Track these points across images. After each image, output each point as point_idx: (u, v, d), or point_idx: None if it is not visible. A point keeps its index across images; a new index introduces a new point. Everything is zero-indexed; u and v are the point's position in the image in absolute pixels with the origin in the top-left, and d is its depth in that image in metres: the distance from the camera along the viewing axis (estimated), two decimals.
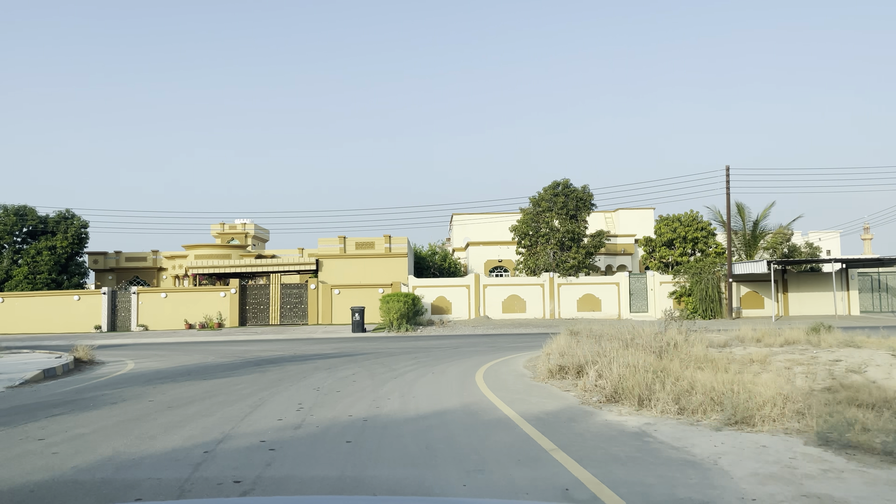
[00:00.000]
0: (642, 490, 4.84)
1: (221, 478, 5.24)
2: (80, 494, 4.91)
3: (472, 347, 19.40)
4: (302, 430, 7.16)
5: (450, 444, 6.40)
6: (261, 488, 4.96)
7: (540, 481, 5.11)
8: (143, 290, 35.30)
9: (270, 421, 7.67)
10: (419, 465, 5.60)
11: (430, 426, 7.29)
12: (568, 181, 36.65)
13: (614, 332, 14.93)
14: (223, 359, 16.81)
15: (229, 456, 5.99)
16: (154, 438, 6.81)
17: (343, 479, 5.15)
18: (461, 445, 6.32)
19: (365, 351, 18.61)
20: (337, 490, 4.92)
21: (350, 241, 36.49)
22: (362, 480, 5.13)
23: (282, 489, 4.93)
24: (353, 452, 6.06)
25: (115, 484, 5.17)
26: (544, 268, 35.85)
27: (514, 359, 15.48)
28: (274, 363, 15.00)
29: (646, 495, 4.72)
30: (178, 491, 4.91)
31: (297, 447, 6.33)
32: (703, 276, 33.19)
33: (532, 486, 4.96)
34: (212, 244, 48.13)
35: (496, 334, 26.70)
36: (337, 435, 6.86)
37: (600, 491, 4.78)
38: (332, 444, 6.46)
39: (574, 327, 15.76)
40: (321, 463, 5.72)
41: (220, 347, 21.67)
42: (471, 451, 6.06)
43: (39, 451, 6.30)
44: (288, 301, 35.44)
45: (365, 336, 27.26)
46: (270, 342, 24.31)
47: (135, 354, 19.43)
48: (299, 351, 19.25)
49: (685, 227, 35.31)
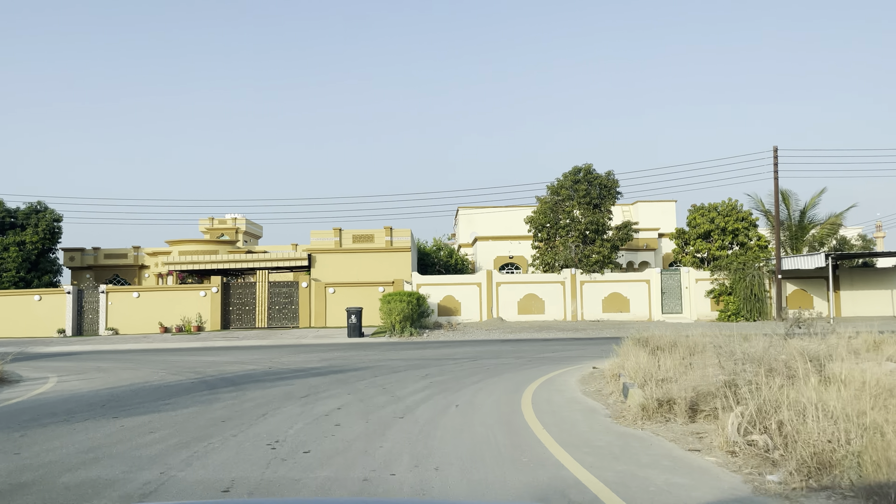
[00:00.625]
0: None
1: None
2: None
3: (495, 358, 15.45)
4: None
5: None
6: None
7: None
8: (112, 289, 31.32)
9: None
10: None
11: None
12: (590, 166, 32.68)
13: (698, 341, 11.00)
14: (175, 376, 12.85)
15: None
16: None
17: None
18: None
19: (361, 364, 14.66)
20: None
21: (346, 234, 32.50)
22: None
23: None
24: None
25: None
26: (564, 263, 31.87)
27: (558, 377, 11.53)
28: (234, 385, 11.03)
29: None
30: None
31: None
32: (748, 272, 29.22)
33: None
34: (198, 240, 44.20)
35: (516, 339, 22.73)
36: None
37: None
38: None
39: (639, 334, 11.80)
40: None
41: (185, 358, 17.73)
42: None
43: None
44: (276, 301, 31.47)
45: (362, 342, 23.30)
46: (250, 350, 20.36)
47: (73, 368, 15.49)
48: (279, 363, 15.29)
49: (724, 217, 31.29)
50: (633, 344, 11.45)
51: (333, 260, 32.05)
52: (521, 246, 42.02)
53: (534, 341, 21.64)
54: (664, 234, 42.29)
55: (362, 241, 32.36)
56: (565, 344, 19.99)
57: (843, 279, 31.35)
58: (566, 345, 19.61)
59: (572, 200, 32.34)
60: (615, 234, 32.48)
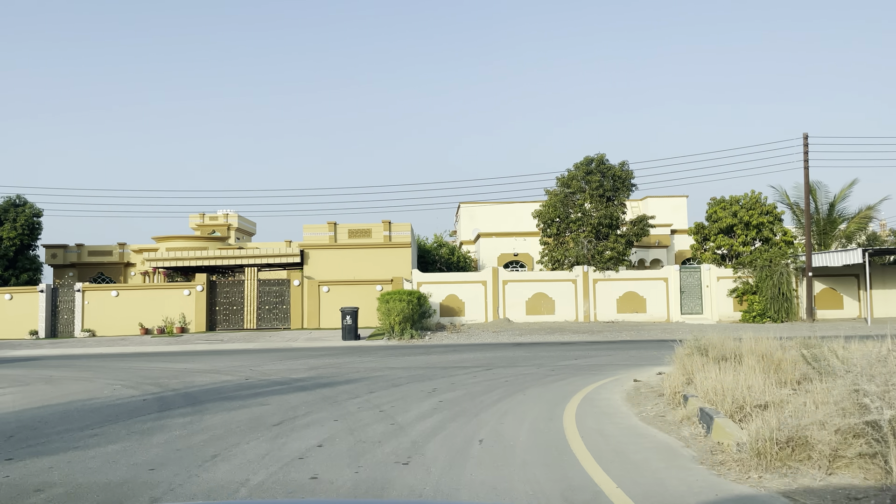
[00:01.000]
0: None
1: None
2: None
3: (511, 367, 13.25)
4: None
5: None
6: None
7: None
8: (90, 287, 29.07)
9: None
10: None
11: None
12: (603, 156, 30.48)
13: (767, 349, 8.82)
14: (131, 390, 10.64)
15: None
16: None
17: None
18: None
19: (354, 373, 12.46)
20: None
21: (342, 229, 30.25)
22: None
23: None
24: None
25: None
26: (576, 260, 29.67)
27: (596, 394, 9.31)
28: (194, 405, 8.82)
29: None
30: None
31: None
32: (775, 270, 27.03)
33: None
34: (187, 236, 41.89)
35: (528, 343, 20.53)
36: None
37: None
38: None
39: (697, 341, 9.58)
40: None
41: (155, 365, 15.51)
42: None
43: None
44: (266, 301, 29.24)
45: (358, 345, 21.09)
46: (232, 355, 18.15)
47: (19, 377, 13.27)
48: (259, 373, 13.08)
49: (747, 210, 29.10)
50: (690, 351, 9.25)
51: (328, 256, 29.83)
52: (527, 243, 39.82)
53: (549, 345, 19.45)
54: (677, 231, 40.13)
55: (359, 236, 30.12)
56: (585, 349, 17.81)
57: (875, 277, 29.16)
58: (586, 350, 17.43)
59: (584, 193, 30.16)
60: (629, 228, 30.30)
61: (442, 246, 38.16)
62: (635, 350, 16.99)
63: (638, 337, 22.25)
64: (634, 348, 17.69)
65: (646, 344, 19.32)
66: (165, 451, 6.04)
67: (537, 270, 32.10)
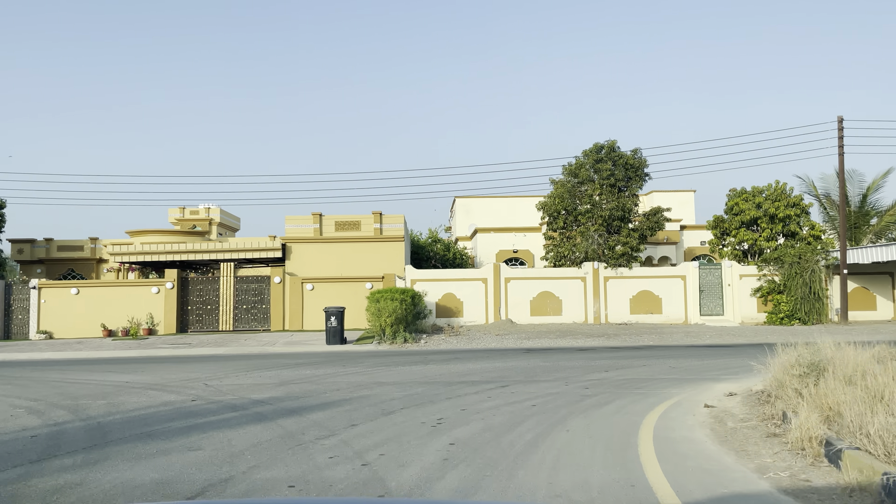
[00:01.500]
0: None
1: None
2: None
3: (532, 382, 10.59)
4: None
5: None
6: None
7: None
8: (46, 284, 26.21)
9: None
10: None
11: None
12: (614, 143, 27.89)
13: None
14: (31, 417, 7.91)
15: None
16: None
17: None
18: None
19: (334, 392, 9.77)
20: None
21: (328, 221, 27.49)
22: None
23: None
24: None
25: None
26: (585, 256, 27.06)
27: (668, 427, 6.64)
28: (99, 447, 6.12)
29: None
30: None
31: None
32: (806, 267, 24.52)
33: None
34: (164, 230, 38.94)
35: (540, 349, 17.88)
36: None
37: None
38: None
39: (810, 355, 6.94)
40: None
41: (91, 377, 12.75)
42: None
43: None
44: (244, 299, 26.45)
45: (344, 351, 18.38)
46: (193, 363, 15.39)
47: None
48: (213, 390, 10.36)
49: (772, 202, 26.58)
50: (799, 369, 6.61)
51: (312, 251, 27.08)
52: (528, 239, 37.17)
53: (564, 352, 16.80)
54: (687, 226, 37.61)
55: (347, 229, 27.39)
56: (609, 356, 15.18)
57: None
58: (612, 358, 14.80)
59: (593, 182, 27.57)
60: (643, 222, 27.73)
61: (437, 242, 35.45)
62: (672, 359, 14.37)
63: (661, 342, 19.66)
64: (667, 356, 15.08)
65: (676, 351, 16.72)
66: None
67: (541, 267, 29.47)
